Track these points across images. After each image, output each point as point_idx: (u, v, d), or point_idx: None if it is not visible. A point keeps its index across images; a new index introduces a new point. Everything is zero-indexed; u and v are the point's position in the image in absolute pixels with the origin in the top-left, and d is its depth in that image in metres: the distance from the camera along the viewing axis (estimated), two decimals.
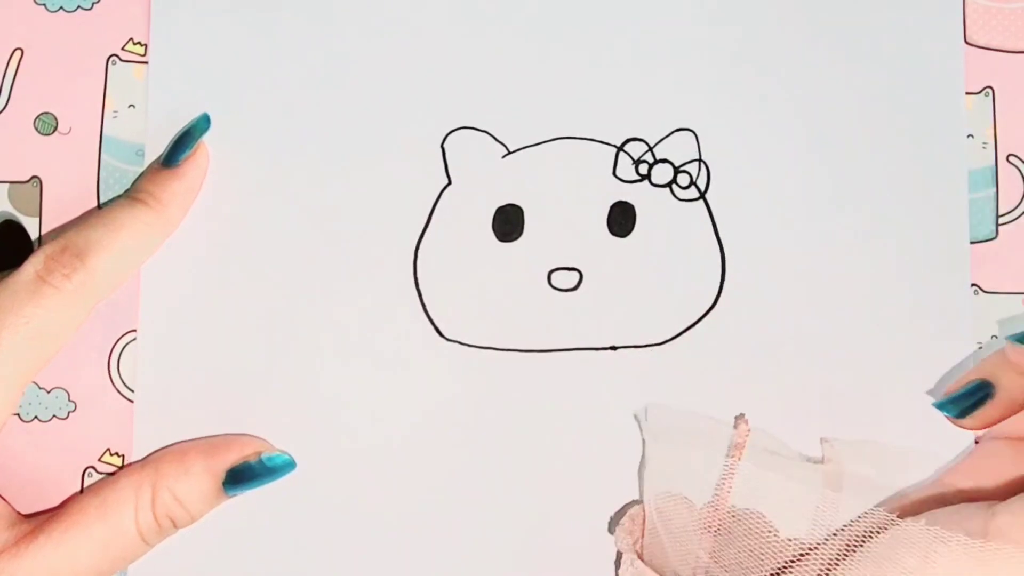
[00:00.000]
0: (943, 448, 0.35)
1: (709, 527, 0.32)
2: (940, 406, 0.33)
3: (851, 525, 0.31)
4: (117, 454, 0.35)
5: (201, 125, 0.35)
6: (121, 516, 0.32)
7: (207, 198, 0.35)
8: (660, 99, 0.36)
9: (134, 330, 0.35)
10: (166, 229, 0.34)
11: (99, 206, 0.36)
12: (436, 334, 0.35)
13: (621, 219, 0.36)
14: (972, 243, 0.36)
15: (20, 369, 0.31)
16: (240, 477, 0.33)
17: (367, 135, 0.36)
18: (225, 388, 0.35)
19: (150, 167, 0.35)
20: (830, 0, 0.36)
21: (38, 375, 0.32)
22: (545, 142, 0.36)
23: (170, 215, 0.34)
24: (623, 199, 0.36)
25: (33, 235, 0.36)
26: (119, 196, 0.35)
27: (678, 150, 0.36)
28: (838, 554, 0.31)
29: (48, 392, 0.35)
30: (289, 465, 0.34)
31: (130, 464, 0.34)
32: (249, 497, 0.34)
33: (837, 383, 0.35)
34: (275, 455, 0.34)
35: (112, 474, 0.34)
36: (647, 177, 0.36)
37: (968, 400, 0.33)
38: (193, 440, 0.34)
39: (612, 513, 0.35)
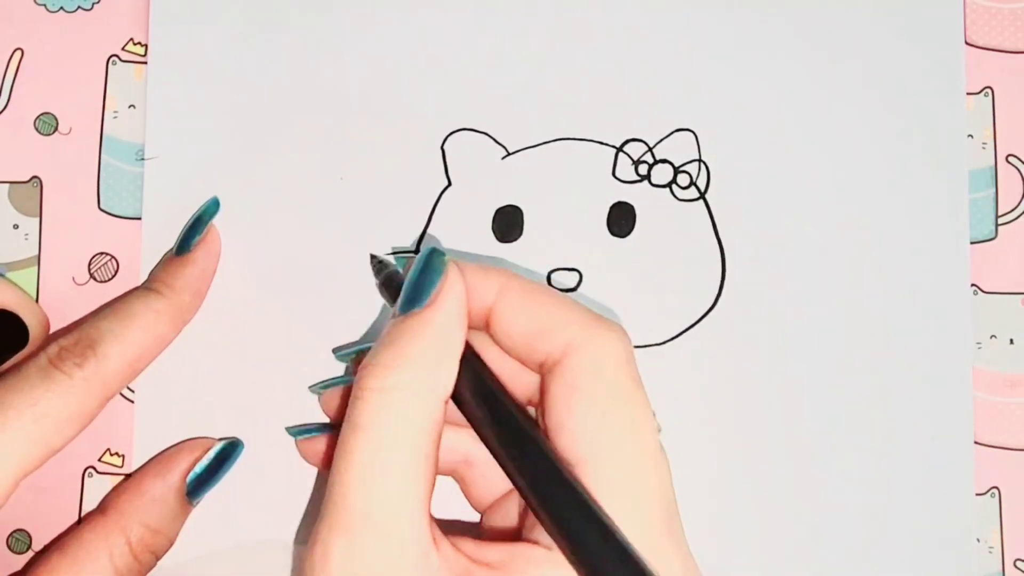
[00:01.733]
0: (943, 448, 0.35)
1: None
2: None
3: None
4: (117, 454, 0.35)
5: (210, 210, 0.35)
6: (96, 569, 0.31)
7: (206, 197, 0.35)
8: (660, 99, 0.36)
9: None
10: (180, 316, 0.34)
11: (113, 299, 0.35)
12: None
13: (621, 219, 0.36)
14: (972, 243, 0.36)
15: (20, 452, 0.30)
16: (200, 480, 0.33)
17: (367, 136, 0.36)
18: (225, 388, 0.35)
19: (164, 257, 0.35)
20: (830, 0, 0.36)
21: (40, 466, 0.31)
22: (545, 143, 0.36)
23: (183, 302, 0.34)
24: (623, 199, 0.36)
25: (33, 236, 0.36)
26: (135, 288, 0.35)
27: (678, 150, 0.36)
28: None
29: None
30: (238, 447, 0.34)
31: (88, 514, 0.34)
32: (247, 496, 0.34)
33: (837, 383, 0.35)
34: (221, 445, 0.34)
35: (73, 527, 0.34)
36: (647, 177, 0.36)
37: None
38: (140, 467, 0.34)
39: None
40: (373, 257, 0.33)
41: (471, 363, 0.29)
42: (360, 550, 0.26)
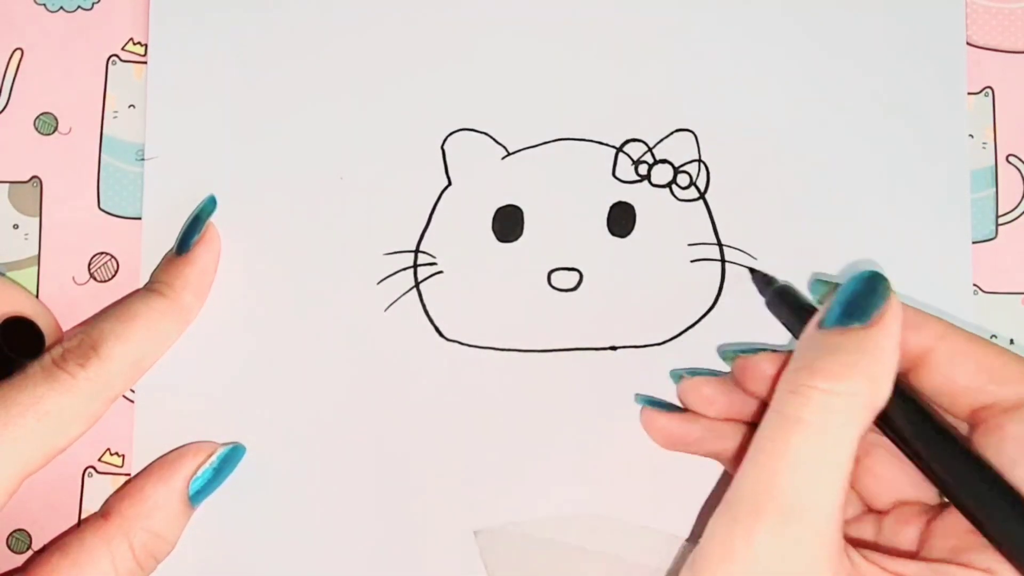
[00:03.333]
0: None
1: None
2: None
3: None
4: (117, 454, 0.35)
5: (208, 208, 0.35)
6: (98, 572, 0.31)
7: (205, 196, 0.36)
8: (660, 99, 0.36)
9: None
10: (182, 316, 0.34)
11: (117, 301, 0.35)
12: (436, 334, 0.35)
13: (621, 219, 0.36)
14: (972, 243, 0.36)
15: (24, 450, 0.30)
16: (203, 485, 0.33)
17: (368, 136, 0.36)
18: (225, 388, 0.35)
19: (164, 257, 0.35)
20: (831, 0, 0.36)
21: (43, 466, 0.31)
22: (545, 143, 0.36)
23: (185, 302, 0.34)
24: (623, 199, 0.36)
25: (33, 236, 0.36)
26: (137, 290, 0.35)
27: (678, 150, 0.36)
28: None
29: None
30: (240, 451, 0.34)
31: (90, 517, 0.33)
32: (247, 500, 0.34)
33: None
34: (224, 451, 0.34)
35: (73, 529, 0.34)
36: (647, 177, 0.36)
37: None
38: (143, 471, 0.34)
39: (609, 513, 0.35)
40: (754, 272, 0.35)
41: (901, 386, 0.29)
42: (785, 540, 0.26)
